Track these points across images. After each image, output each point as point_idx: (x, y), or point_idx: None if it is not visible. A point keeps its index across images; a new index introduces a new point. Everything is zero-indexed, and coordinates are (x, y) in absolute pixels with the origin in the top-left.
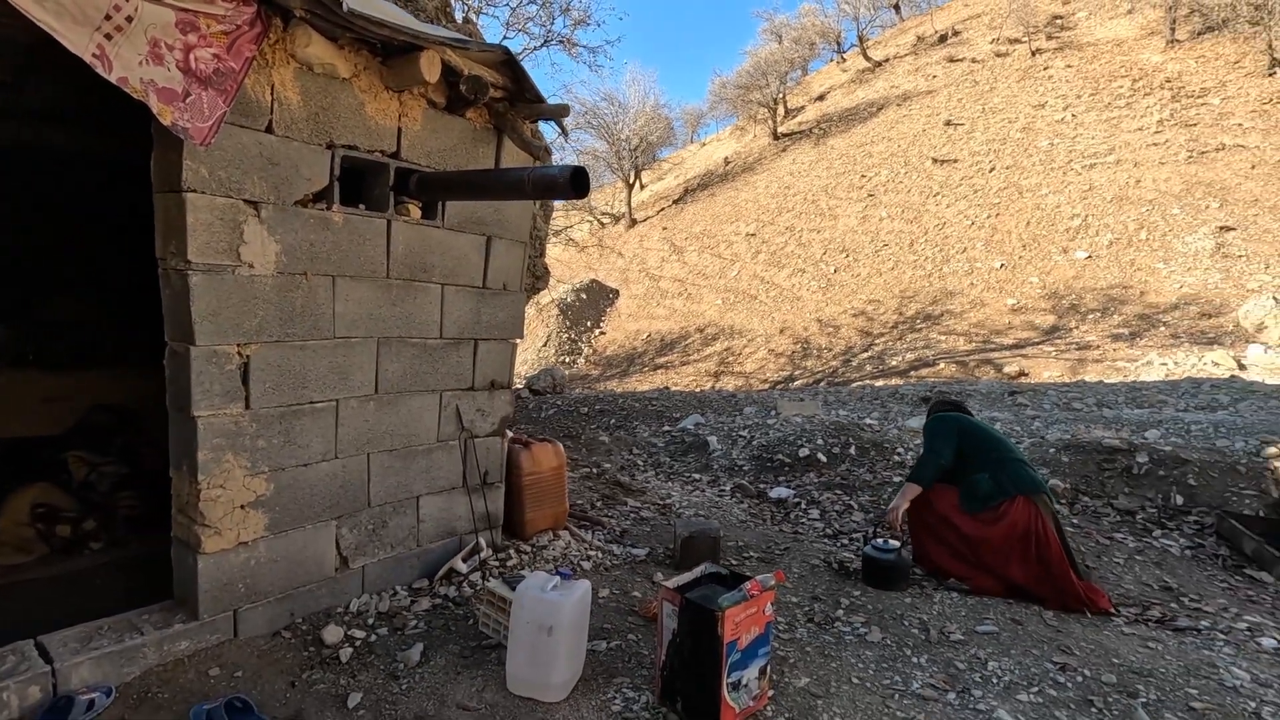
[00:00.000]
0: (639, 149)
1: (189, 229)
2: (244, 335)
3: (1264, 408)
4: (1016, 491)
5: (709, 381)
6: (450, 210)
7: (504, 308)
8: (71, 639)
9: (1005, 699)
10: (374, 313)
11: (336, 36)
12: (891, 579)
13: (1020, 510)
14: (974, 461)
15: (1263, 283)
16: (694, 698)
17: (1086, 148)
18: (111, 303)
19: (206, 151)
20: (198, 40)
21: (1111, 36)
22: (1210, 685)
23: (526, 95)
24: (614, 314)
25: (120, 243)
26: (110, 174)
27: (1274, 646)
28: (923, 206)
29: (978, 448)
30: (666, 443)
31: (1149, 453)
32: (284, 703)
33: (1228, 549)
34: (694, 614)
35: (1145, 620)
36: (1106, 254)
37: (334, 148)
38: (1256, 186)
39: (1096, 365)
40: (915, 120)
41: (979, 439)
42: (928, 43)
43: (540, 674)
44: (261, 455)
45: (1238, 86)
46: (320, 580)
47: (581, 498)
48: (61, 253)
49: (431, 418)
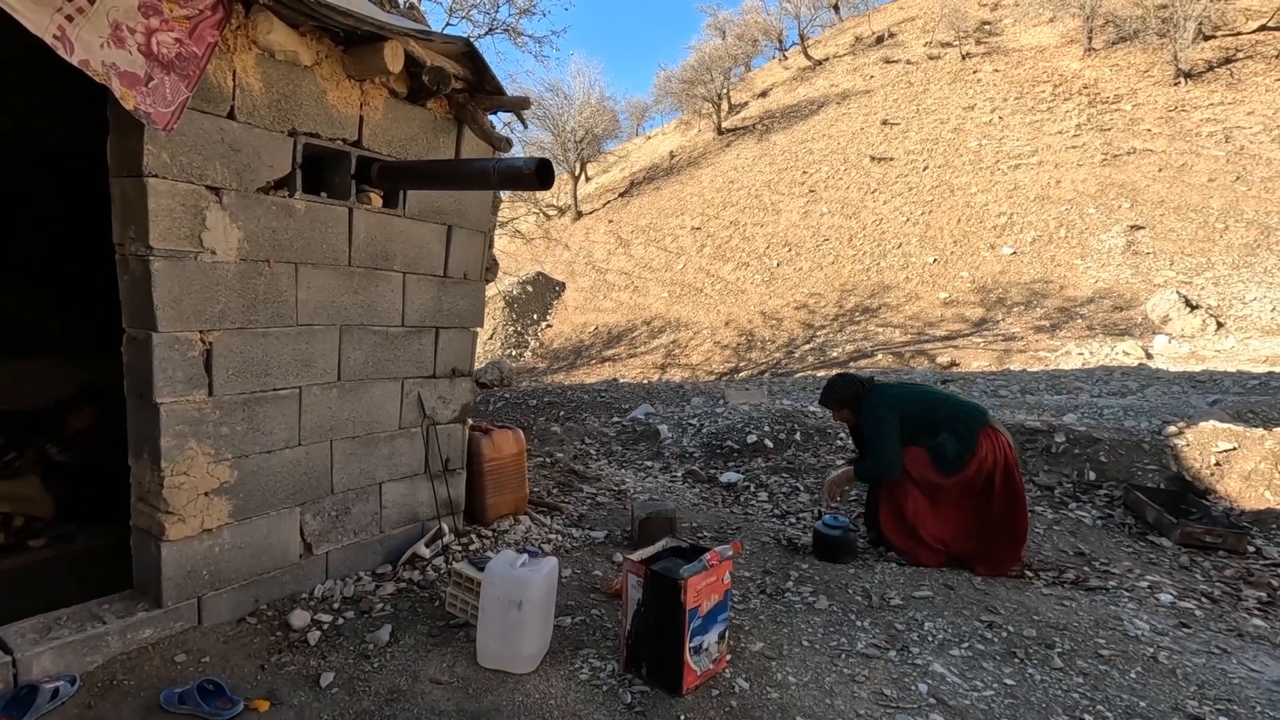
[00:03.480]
0: (584, 141)
1: (150, 214)
2: (206, 322)
3: (1167, 392)
4: (978, 431)
5: (656, 373)
6: (412, 199)
7: (465, 296)
8: (29, 630)
9: (939, 654)
10: (336, 300)
11: (299, 24)
12: (839, 553)
13: (988, 445)
14: (926, 428)
15: (1168, 278)
16: (658, 662)
17: (1012, 149)
18: (42, 291)
19: (168, 137)
20: (160, 24)
21: (1035, 43)
22: (1116, 635)
23: (487, 87)
24: (560, 307)
25: (50, 228)
26: (39, 156)
27: (1169, 601)
28: (861, 203)
29: (923, 417)
30: (618, 432)
31: (1065, 433)
32: (255, 684)
33: (1133, 518)
34: (658, 583)
35: (1061, 582)
36: (1030, 250)
37: (296, 135)
38: (1163, 188)
39: (1021, 355)
40: (854, 119)
41: (918, 408)
42: (865, 43)
43: (511, 647)
44: (225, 442)
45: (1147, 94)
46: (285, 566)
47: (538, 485)
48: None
49: (394, 405)
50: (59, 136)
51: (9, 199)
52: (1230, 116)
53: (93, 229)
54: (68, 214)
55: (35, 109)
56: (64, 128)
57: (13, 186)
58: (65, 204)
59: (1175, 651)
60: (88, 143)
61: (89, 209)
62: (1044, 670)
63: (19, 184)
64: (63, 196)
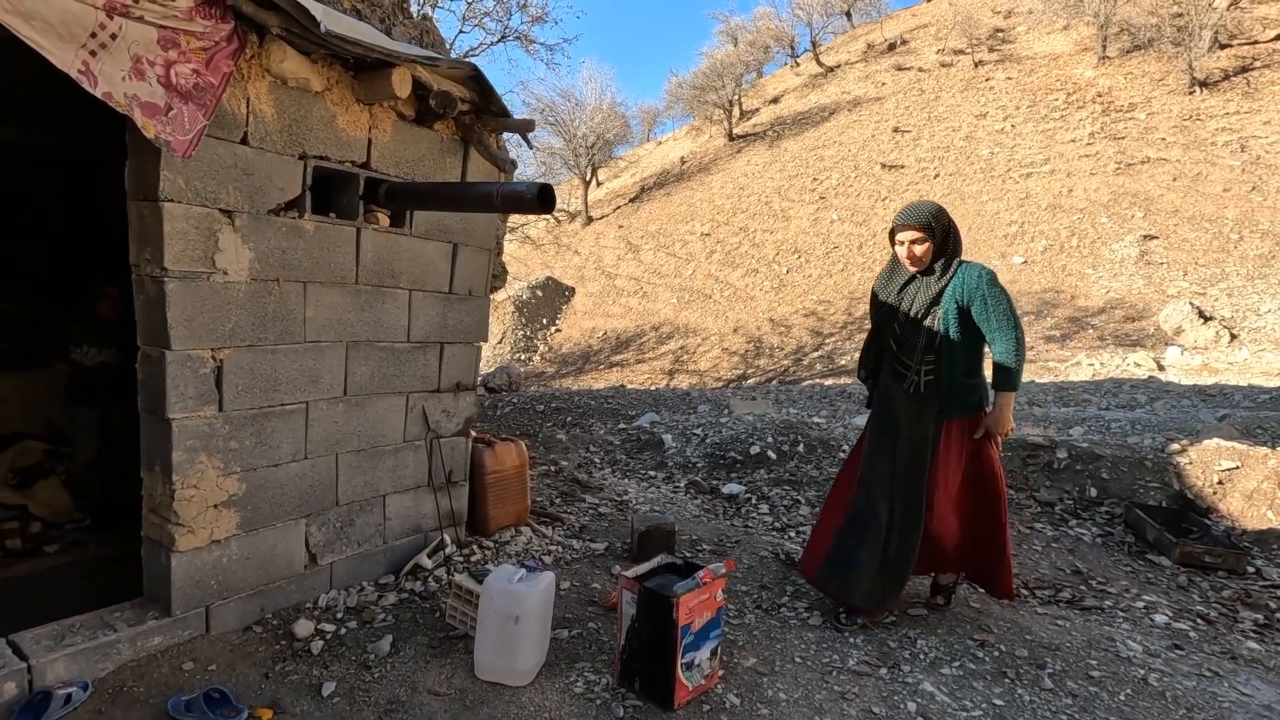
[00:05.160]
0: (595, 146)
1: (165, 237)
2: (218, 340)
3: (1176, 406)
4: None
5: (664, 379)
6: (418, 219)
7: (469, 312)
8: (44, 636)
9: (930, 673)
10: (343, 318)
11: (310, 52)
12: None
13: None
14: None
15: (1181, 288)
16: (651, 677)
17: (1024, 157)
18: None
19: (184, 162)
20: (178, 56)
21: (1048, 51)
22: (1108, 657)
23: (492, 109)
24: (570, 312)
25: (50, 240)
26: (39, 167)
27: (1164, 622)
28: (872, 210)
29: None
30: (623, 440)
31: (1068, 449)
32: (259, 693)
33: (1133, 536)
34: (651, 600)
35: (1057, 601)
36: (1041, 259)
37: (306, 158)
38: (1177, 198)
39: (1030, 365)
40: (865, 126)
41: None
42: (877, 50)
43: (507, 660)
44: (234, 456)
45: (1161, 103)
46: (290, 577)
47: (541, 494)
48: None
49: (398, 419)
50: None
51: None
52: (1246, 126)
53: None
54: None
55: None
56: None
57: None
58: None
59: (1166, 674)
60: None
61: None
62: (1033, 691)
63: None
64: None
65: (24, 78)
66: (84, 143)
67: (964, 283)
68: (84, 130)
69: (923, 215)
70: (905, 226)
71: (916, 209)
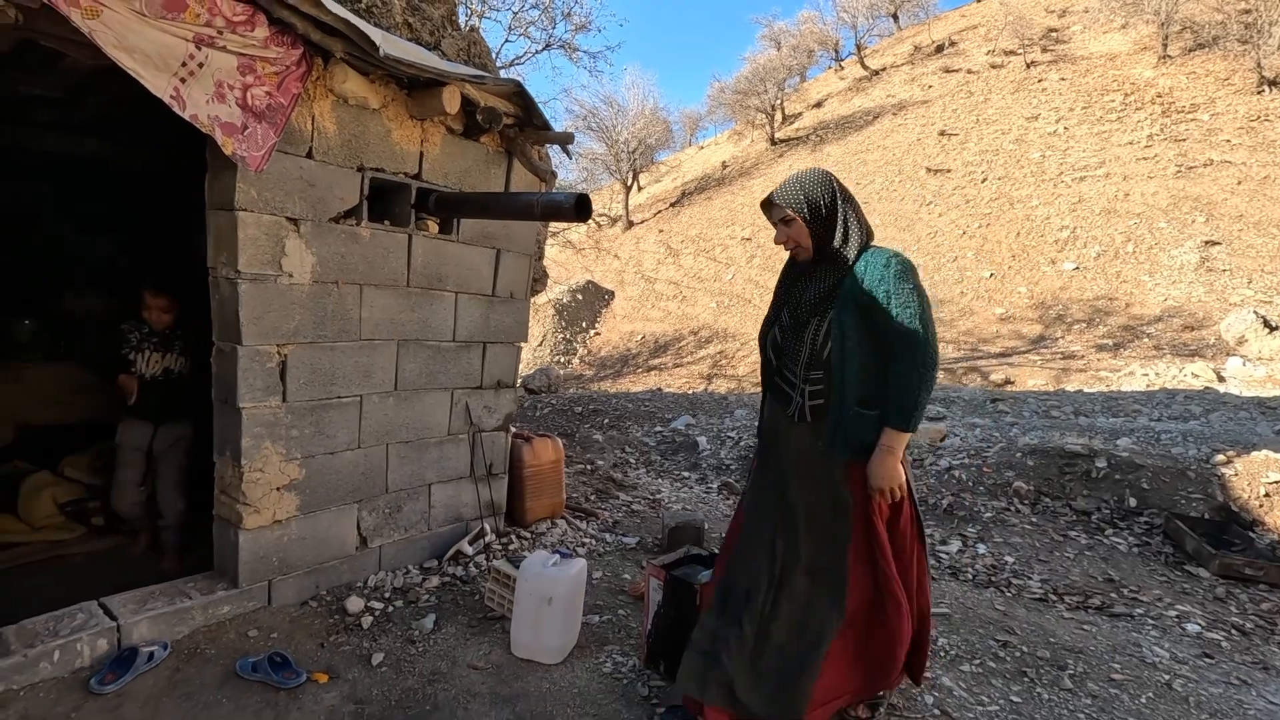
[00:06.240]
0: (637, 151)
1: (240, 243)
2: (283, 336)
3: (1233, 419)
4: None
5: (702, 384)
6: (464, 226)
7: (511, 314)
8: (129, 601)
9: (949, 669)
10: (395, 318)
11: (369, 73)
12: None
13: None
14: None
15: (1245, 297)
16: (675, 660)
17: (1077, 160)
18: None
19: (257, 176)
20: (254, 80)
21: (1105, 51)
22: (1132, 661)
23: (535, 122)
24: (609, 315)
25: (126, 243)
26: (122, 180)
27: (1196, 631)
28: (915, 215)
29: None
30: (658, 442)
31: (1107, 458)
32: (315, 660)
33: (1172, 547)
34: (676, 587)
35: (1085, 607)
36: (1094, 266)
37: (364, 170)
38: (1242, 202)
39: (1080, 375)
40: (910, 129)
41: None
42: (924, 52)
43: (540, 639)
44: (295, 443)
45: (1227, 103)
46: (343, 557)
47: (576, 491)
48: (79, 251)
49: (443, 413)
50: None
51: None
52: None
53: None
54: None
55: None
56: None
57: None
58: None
59: (1192, 680)
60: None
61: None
62: (1052, 690)
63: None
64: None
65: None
66: (150, 159)
67: (866, 275)
68: (149, 148)
69: (792, 191)
70: (770, 203)
71: (788, 181)
